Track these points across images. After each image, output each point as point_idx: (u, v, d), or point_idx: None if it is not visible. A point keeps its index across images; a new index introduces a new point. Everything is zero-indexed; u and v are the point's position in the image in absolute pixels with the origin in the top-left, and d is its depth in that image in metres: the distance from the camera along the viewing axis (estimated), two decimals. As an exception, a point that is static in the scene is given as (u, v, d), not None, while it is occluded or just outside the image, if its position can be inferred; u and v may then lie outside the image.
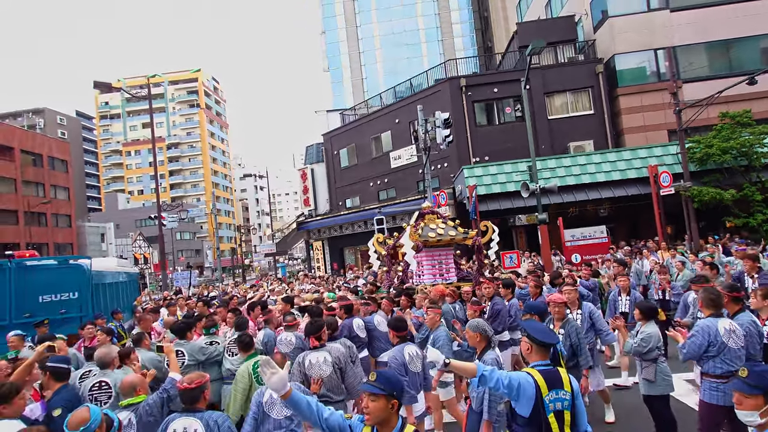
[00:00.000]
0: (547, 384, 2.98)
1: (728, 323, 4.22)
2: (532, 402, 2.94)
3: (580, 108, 21.86)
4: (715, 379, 4.17)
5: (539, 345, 3.17)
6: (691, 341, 4.26)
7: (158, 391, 3.65)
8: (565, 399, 3.00)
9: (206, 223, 79.03)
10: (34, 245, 43.54)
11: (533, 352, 3.19)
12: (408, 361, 4.66)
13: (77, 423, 2.66)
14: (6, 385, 3.31)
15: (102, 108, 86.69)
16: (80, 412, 2.73)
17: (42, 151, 47.39)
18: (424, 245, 8.61)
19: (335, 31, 47.99)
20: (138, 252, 55.06)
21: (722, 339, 4.13)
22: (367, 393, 2.53)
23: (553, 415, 2.94)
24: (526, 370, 3.12)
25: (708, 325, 4.21)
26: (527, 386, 2.95)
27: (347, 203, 28.25)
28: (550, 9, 27.01)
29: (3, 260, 8.76)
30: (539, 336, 3.20)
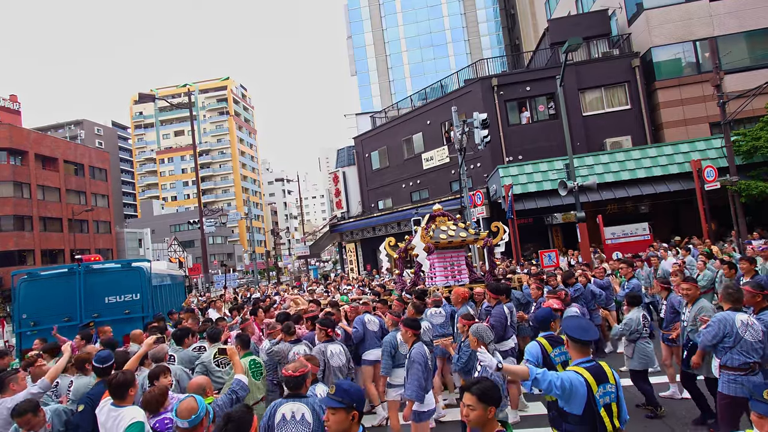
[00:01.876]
0: (596, 380, 3.05)
1: (746, 317, 4.34)
2: (584, 400, 3.00)
3: (616, 103, 21.47)
4: (733, 372, 4.27)
5: (580, 343, 3.24)
6: (707, 331, 4.44)
7: (227, 392, 3.77)
8: (612, 392, 3.10)
9: (236, 227, 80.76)
10: (77, 251, 45.47)
11: (572, 350, 3.27)
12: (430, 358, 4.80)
13: (188, 412, 2.82)
14: (120, 375, 3.57)
15: (136, 118, 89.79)
16: (188, 402, 2.88)
17: (83, 161, 49.44)
18: (435, 247, 8.60)
19: (361, 35, 48.46)
20: (173, 256, 56.75)
21: (738, 331, 4.23)
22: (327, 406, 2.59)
23: (603, 409, 3.03)
24: (573, 368, 3.16)
25: (725, 317, 4.36)
26: (579, 386, 3.00)
27: (379, 205, 28.48)
28: (581, 4, 26.61)
29: (73, 264, 9.29)
30: (578, 334, 3.25)
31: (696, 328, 5.11)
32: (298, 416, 3.23)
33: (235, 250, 76.56)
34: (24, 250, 41.51)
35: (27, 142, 42.94)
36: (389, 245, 10.03)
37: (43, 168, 44.12)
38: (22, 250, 41.41)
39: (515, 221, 17.61)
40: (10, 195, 40.91)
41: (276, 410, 3.27)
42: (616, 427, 3.08)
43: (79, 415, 3.98)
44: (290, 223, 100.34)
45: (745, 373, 4.20)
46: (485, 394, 2.56)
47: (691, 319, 5.30)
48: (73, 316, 8.84)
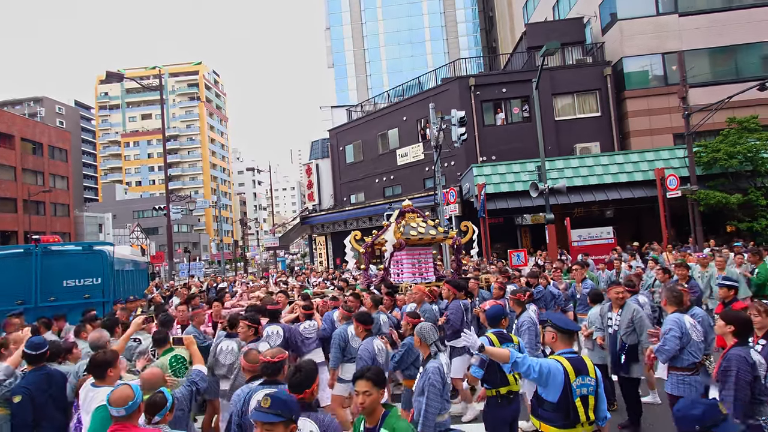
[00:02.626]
0: (575, 370, 3.13)
1: (689, 318, 4.54)
2: (560, 387, 3.09)
3: (587, 110, 22.06)
4: (682, 372, 4.43)
5: (564, 333, 3.32)
6: (671, 335, 4.42)
7: (186, 383, 3.58)
8: (590, 384, 3.17)
9: (203, 215, 78.89)
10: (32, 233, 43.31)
11: (558, 341, 3.33)
12: (377, 353, 4.70)
13: (122, 399, 2.64)
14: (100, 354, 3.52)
15: (101, 98, 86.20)
16: (122, 389, 2.70)
17: (42, 139, 47.14)
18: (405, 243, 8.52)
19: (340, 27, 48.04)
20: (135, 243, 54.94)
21: (688, 332, 4.42)
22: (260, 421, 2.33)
23: (579, 400, 3.10)
24: (554, 357, 3.25)
25: (678, 319, 4.47)
26: (557, 373, 3.09)
27: (352, 199, 28.35)
28: (558, 10, 27.18)
29: (30, 245, 8.83)
30: (563, 324, 3.35)
31: (631, 331, 5.21)
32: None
33: (201, 239, 74.75)
34: (-27, 231, 39.27)
35: (-20, 117, 40.59)
36: (354, 239, 9.88)
37: (-3, 145, 41.79)
38: (-29, 230, 39.16)
39: (486, 220, 17.87)
40: (-40, 171, 38.61)
41: (251, 396, 3.17)
42: (591, 419, 3.14)
43: (16, 405, 3.80)
44: (259, 214, 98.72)
45: (692, 373, 4.38)
46: (378, 378, 2.77)
47: (625, 322, 5.29)
48: (27, 299, 8.40)
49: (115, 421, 2.66)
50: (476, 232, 9.60)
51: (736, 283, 5.69)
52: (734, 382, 3.29)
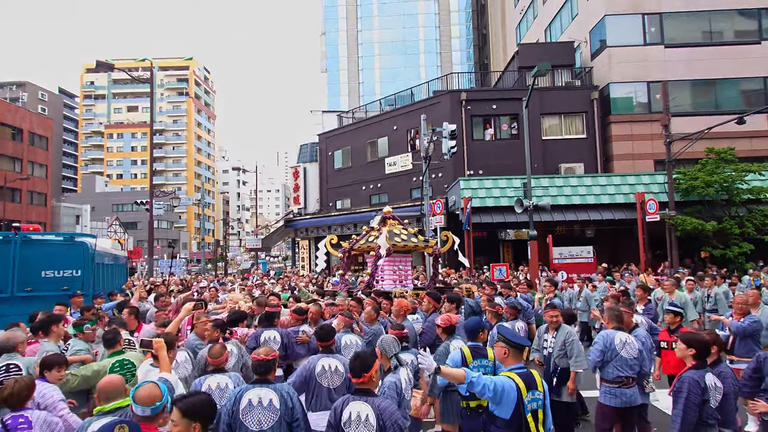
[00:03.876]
0: (526, 386, 3.19)
1: (625, 336, 4.80)
2: (513, 404, 3.14)
3: (573, 131, 22.60)
4: (609, 384, 4.75)
5: (515, 348, 3.35)
6: (594, 348, 4.79)
7: None
8: (539, 399, 3.27)
9: (184, 212, 77.76)
10: (6, 221, 42.14)
11: (510, 356, 3.36)
12: (319, 373, 4.11)
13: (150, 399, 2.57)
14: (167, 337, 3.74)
15: (87, 87, 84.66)
16: (150, 387, 2.62)
17: (23, 125, 46.04)
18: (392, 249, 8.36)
19: (336, 33, 48.31)
20: (113, 237, 53.81)
21: (615, 347, 4.67)
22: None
23: (530, 415, 3.18)
24: (505, 373, 3.28)
25: (607, 334, 4.81)
26: (510, 390, 3.13)
27: (338, 204, 28.36)
28: (550, 33, 27.86)
29: (9, 232, 8.64)
30: (515, 339, 3.40)
31: (563, 354, 5.33)
32: (266, 402, 3.16)
33: (181, 236, 73.61)
34: (-57, 215, 37.98)
35: (-40, 98, 39.47)
36: (330, 243, 9.65)
37: (-25, 128, 40.70)
38: (-58, 214, 37.87)
39: (471, 233, 18.08)
40: (-66, 153, 37.41)
41: (242, 395, 3.18)
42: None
43: None
44: (242, 214, 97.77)
45: (619, 386, 4.64)
46: (190, 410, 2.41)
47: (559, 345, 5.36)
48: (3, 288, 8.21)
49: (138, 420, 2.55)
50: (456, 242, 9.56)
51: (681, 309, 5.92)
52: (683, 403, 3.45)
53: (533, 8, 30.19)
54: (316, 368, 4.10)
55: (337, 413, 3.00)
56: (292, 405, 3.23)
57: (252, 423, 3.13)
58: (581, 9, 24.13)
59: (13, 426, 2.97)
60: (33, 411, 3.09)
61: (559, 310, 5.70)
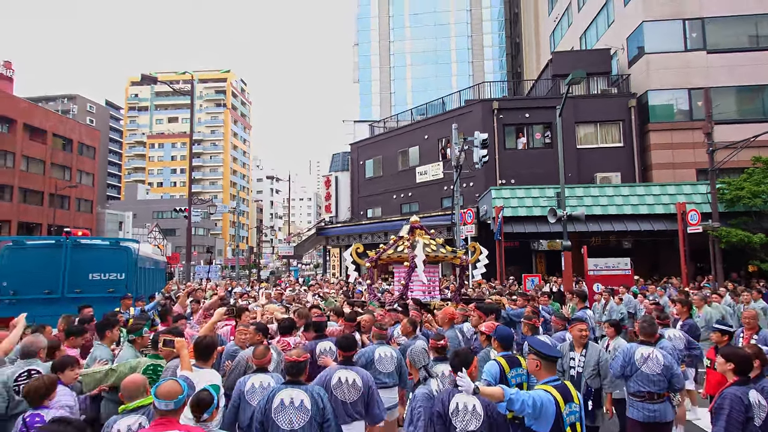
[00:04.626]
0: (563, 398, 3.10)
1: (648, 351, 4.60)
2: (552, 419, 3.04)
3: (610, 140, 22.07)
4: (632, 397, 4.63)
5: (548, 360, 3.26)
6: (615, 362, 4.79)
7: None
8: (576, 411, 3.17)
9: (220, 220, 79.93)
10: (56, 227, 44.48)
11: (543, 369, 3.25)
12: (334, 385, 3.94)
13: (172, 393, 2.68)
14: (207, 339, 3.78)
15: (131, 99, 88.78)
16: (171, 383, 2.75)
17: (72, 136, 48.62)
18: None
19: (368, 44, 48.97)
20: (153, 242, 55.87)
21: (636, 362, 4.57)
22: None
23: (569, 429, 3.09)
24: (541, 387, 3.18)
25: (629, 348, 4.72)
26: (549, 405, 3.03)
27: (369, 213, 28.58)
28: (585, 40, 27.40)
29: (61, 237, 9.18)
30: (547, 350, 3.27)
31: (596, 374, 5.04)
32: (297, 402, 3.25)
33: (216, 243, 75.67)
34: (0, 221, 40.45)
35: (17, 110, 42.11)
36: (356, 252, 9.47)
37: (30, 138, 43.24)
38: (-2, 219, 40.35)
39: (502, 243, 17.87)
40: (-7, 162, 39.99)
41: (274, 395, 3.28)
42: None
43: None
44: (275, 222, 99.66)
45: (641, 400, 4.54)
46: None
47: (591, 364, 5.03)
48: (54, 289, 8.71)
49: (161, 414, 2.68)
50: (484, 253, 9.44)
51: (729, 327, 5.59)
52: (725, 421, 3.32)
53: (568, 16, 29.80)
54: (332, 380, 3.91)
55: (445, 404, 3.16)
56: (323, 406, 3.31)
57: (283, 422, 3.22)
58: (618, 16, 23.66)
59: (31, 423, 3.05)
60: (49, 410, 3.13)
61: (586, 323, 5.43)
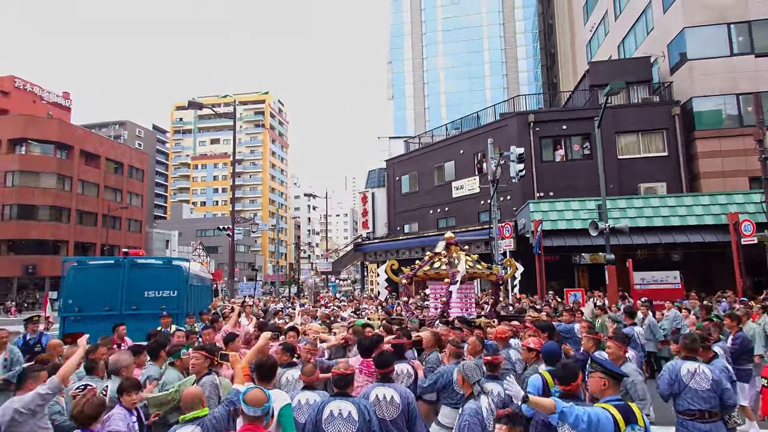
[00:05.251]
0: (624, 419, 2.96)
1: (694, 366, 4.42)
2: None
3: (653, 149, 21.41)
4: (681, 415, 4.43)
5: (615, 378, 3.14)
6: (661, 379, 4.58)
7: (224, 403, 3.49)
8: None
9: (260, 237, 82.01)
10: (108, 246, 46.95)
11: (609, 387, 3.12)
12: (372, 402, 3.79)
13: (259, 400, 2.84)
14: (269, 360, 3.83)
15: (176, 123, 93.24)
16: (257, 392, 2.90)
17: (123, 160, 51.46)
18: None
19: (401, 62, 49.70)
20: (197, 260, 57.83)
21: (683, 378, 4.38)
22: None
23: None
24: (601, 405, 3.05)
25: (674, 365, 4.56)
26: (606, 423, 2.90)
27: (405, 229, 28.71)
28: (623, 49, 26.85)
29: (119, 257, 9.78)
30: (613, 368, 3.17)
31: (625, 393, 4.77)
32: (345, 413, 3.39)
33: (257, 260, 77.57)
34: (59, 241, 43.10)
35: (74, 138, 45.10)
36: (391, 269, 9.39)
37: (85, 163, 46.12)
38: (57, 240, 43.01)
39: (542, 257, 17.56)
40: (53, 186, 42.80)
41: (324, 407, 3.44)
42: None
43: None
44: (312, 238, 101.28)
45: (691, 419, 4.33)
46: None
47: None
48: (114, 306, 9.25)
49: (249, 420, 2.85)
50: (520, 269, 9.40)
51: None
52: None
53: (604, 25, 29.33)
54: (369, 397, 3.81)
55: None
56: (370, 418, 3.43)
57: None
58: (657, 23, 23.12)
59: None
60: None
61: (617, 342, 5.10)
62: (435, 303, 9.00)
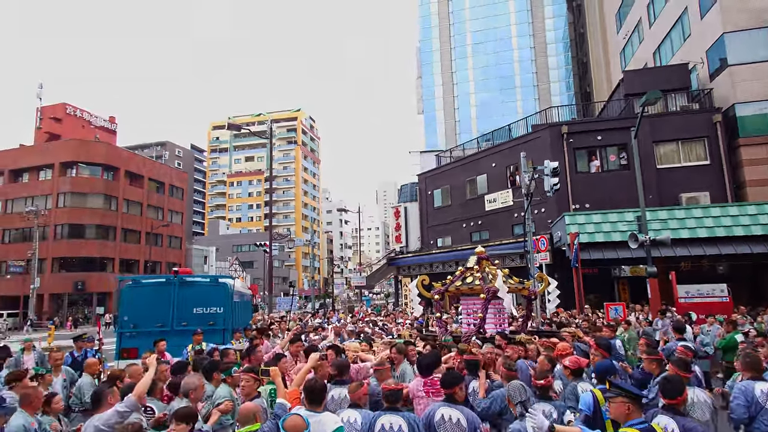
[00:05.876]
0: None
1: (765, 385, 4.24)
2: None
3: (694, 158, 20.79)
4: None
5: (638, 402, 3.08)
6: (735, 404, 4.30)
7: (271, 417, 3.59)
8: None
9: (293, 252, 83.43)
10: (150, 263, 48.88)
11: (633, 411, 3.04)
12: (437, 422, 3.73)
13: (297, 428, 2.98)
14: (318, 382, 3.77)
15: (213, 142, 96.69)
16: (295, 419, 3.05)
17: (164, 179, 53.68)
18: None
19: (431, 76, 50.13)
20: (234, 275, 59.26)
21: (759, 400, 4.16)
22: None
23: None
24: (626, 430, 2.99)
25: (746, 387, 4.31)
26: None
27: (438, 242, 28.73)
28: (659, 56, 26.31)
29: (170, 275, 10.33)
30: (636, 391, 3.10)
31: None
32: (396, 427, 3.54)
33: (291, 274, 78.83)
34: (105, 258, 45.20)
35: (120, 159, 47.49)
36: (422, 284, 9.19)
37: (130, 184, 48.40)
38: (104, 257, 45.12)
39: (580, 270, 17.25)
40: (100, 207, 45.07)
41: (376, 420, 3.61)
42: None
43: None
44: (344, 252, 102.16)
45: None
46: None
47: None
48: (165, 322, 9.75)
49: None
50: (553, 283, 9.07)
51: None
52: None
53: (638, 32, 28.86)
54: (435, 416, 3.76)
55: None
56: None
57: None
58: (694, 29, 22.61)
59: None
60: None
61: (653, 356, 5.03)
62: (468, 319, 8.86)
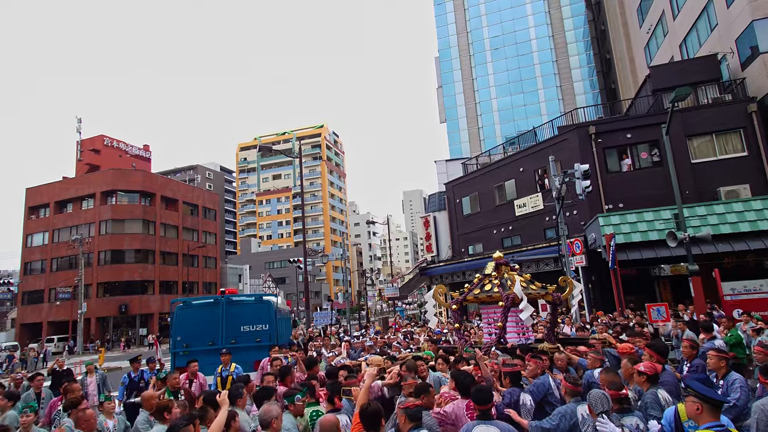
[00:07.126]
0: None
1: None
2: None
3: (730, 150, 20.22)
4: None
5: (711, 404, 2.99)
6: None
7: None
8: None
9: (324, 266, 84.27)
10: (188, 284, 50.37)
11: (704, 413, 2.97)
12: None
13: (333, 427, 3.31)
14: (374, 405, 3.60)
15: (241, 163, 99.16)
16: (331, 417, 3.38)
17: (198, 202, 55.41)
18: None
19: (452, 84, 50.32)
20: (269, 292, 60.41)
21: None
22: None
23: None
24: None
25: None
26: None
27: (470, 250, 28.67)
28: (686, 48, 25.78)
29: (218, 296, 10.81)
30: (710, 393, 3.01)
31: None
32: None
33: (322, 288, 79.60)
34: (146, 281, 46.88)
35: (155, 185, 49.38)
36: (439, 293, 8.86)
37: (166, 208, 50.21)
38: (145, 280, 46.79)
39: (618, 272, 16.97)
40: (139, 232, 46.86)
41: (470, 430, 3.70)
42: None
43: None
44: (374, 264, 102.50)
45: None
46: None
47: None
48: (215, 341, 10.19)
49: None
50: (578, 288, 8.69)
51: None
52: None
53: (662, 25, 28.37)
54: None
55: None
56: None
57: None
58: (721, 18, 22.12)
59: None
60: None
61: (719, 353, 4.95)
62: (488, 328, 8.48)
